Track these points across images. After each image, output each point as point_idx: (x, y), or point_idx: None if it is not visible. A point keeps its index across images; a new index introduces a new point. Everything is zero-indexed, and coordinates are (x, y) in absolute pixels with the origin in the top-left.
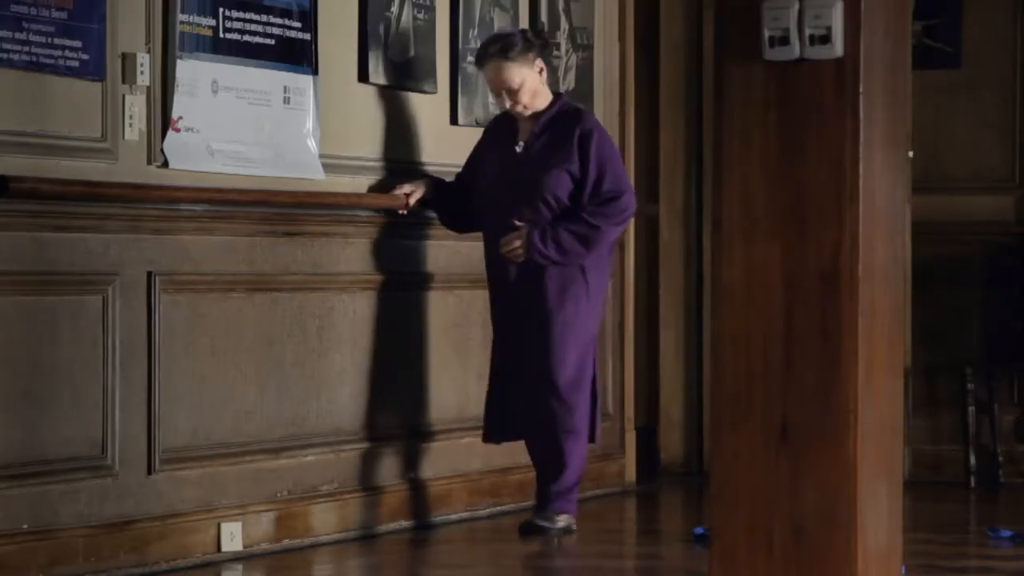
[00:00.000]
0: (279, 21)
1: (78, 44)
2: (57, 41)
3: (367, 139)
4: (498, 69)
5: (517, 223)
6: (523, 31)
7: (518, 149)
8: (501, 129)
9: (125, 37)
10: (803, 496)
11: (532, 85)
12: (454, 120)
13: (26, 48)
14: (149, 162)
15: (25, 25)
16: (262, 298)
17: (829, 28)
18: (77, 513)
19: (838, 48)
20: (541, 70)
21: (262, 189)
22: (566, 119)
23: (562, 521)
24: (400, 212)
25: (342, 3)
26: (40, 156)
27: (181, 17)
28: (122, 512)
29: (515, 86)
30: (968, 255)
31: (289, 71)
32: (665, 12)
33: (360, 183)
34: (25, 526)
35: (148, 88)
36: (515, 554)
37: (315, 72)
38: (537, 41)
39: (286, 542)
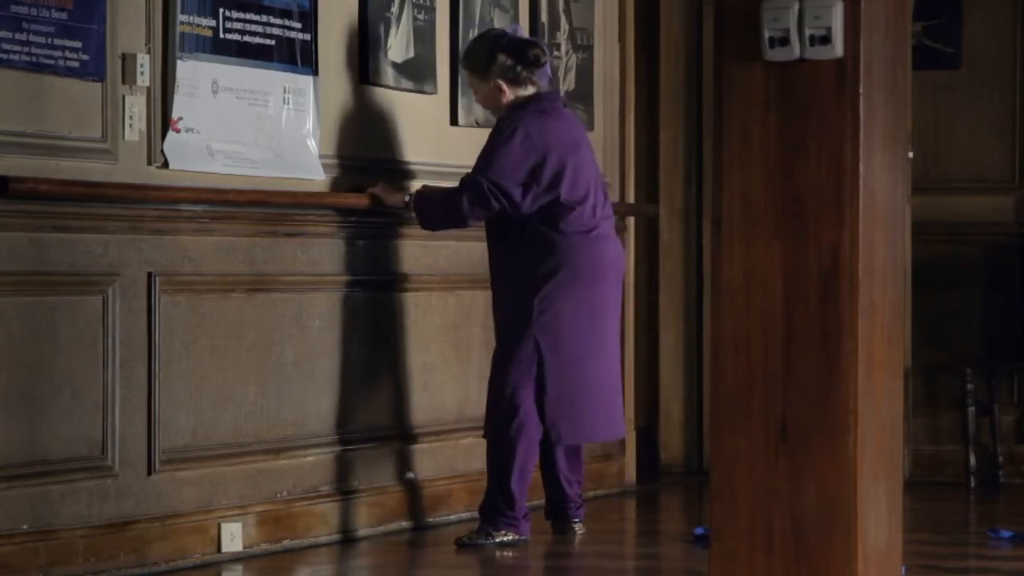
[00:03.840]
0: (279, 21)
1: (78, 44)
2: (57, 41)
3: (367, 139)
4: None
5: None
6: (496, 45)
7: None
8: None
9: (125, 37)
10: (803, 496)
11: (485, 96)
12: (454, 120)
13: (26, 48)
14: (149, 162)
15: (25, 25)
16: (262, 298)
17: (829, 28)
18: (77, 513)
19: (838, 48)
20: (500, 90)
21: (262, 189)
22: (499, 123)
23: (499, 538)
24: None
25: (342, 3)
26: (40, 156)
27: (181, 17)
28: (122, 512)
29: (474, 94)
30: (968, 255)
31: (289, 71)
32: (665, 12)
33: (360, 183)
34: (25, 526)
35: (148, 88)
36: (515, 555)
37: (315, 72)
38: (503, 59)
39: (286, 542)
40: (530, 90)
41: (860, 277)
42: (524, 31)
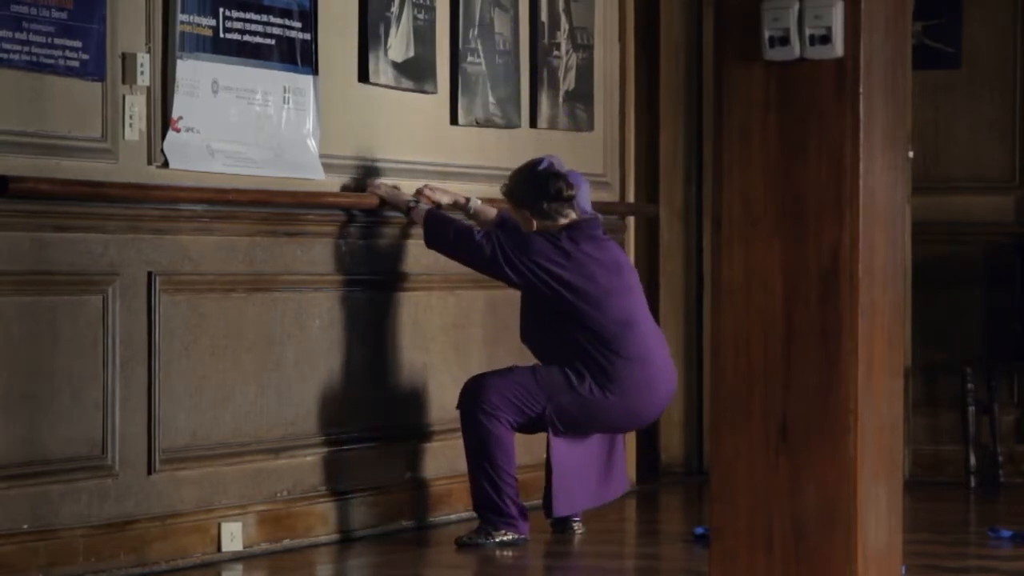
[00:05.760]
0: (279, 21)
1: (78, 44)
2: (57, 41)
3: (367, 139)
4: None
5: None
6: (524, 176)
7: None
8: None
9: (125, 37)
10: (803, 496)
11: (521, 223)
12: (454, 120)
13: (26, 48)
14: (149, 162)
15: (25, 25)
16: (262, 298)
17: (829, 28)
18: (77, 513)
19: (838, 48)
20: (529, 221)
21: (262, 189)
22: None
23: (499, 538)
24: (409, 205)
25: (342, 3)
26: (40, 156)
27: (181, 17)
28: (122, 512)
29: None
30: (968, 255)
31: (289, 71)
32: (665, 12)
33: (361, 183)
34: (25, 526)
35: (148, 88)
36: (515, 555)
37: (315, 72)
38: (524, 193)
39: (286, 542)
40: (563, 221)
41: (860, 277)
42: (561, 163)
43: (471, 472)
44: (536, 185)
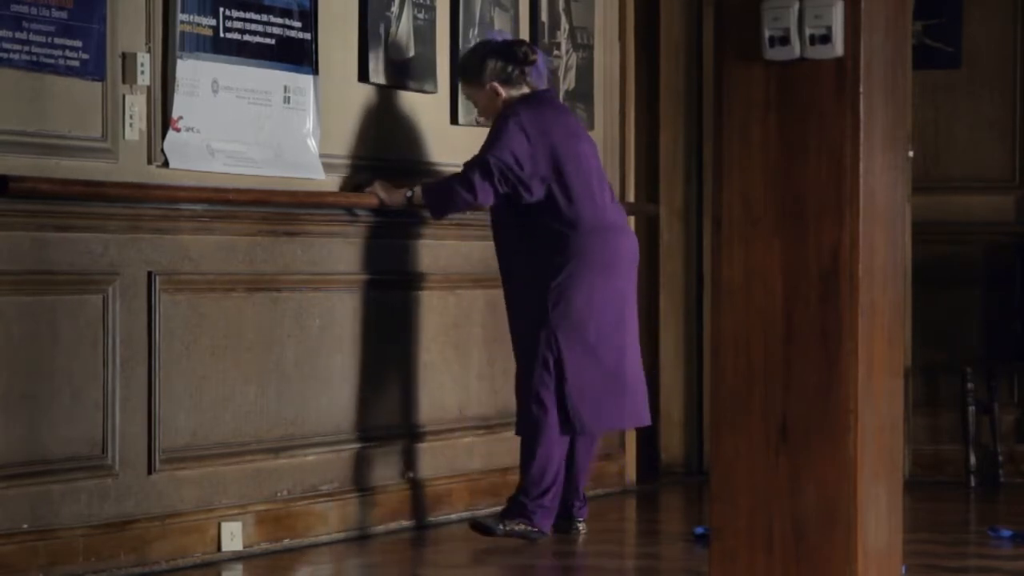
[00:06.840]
0: (279, 21)
1: (78, 44)
2: (57, 41)
3: (367, 139)
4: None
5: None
6: (485, 51)
7: None
8: None
9: (125, 37)
10: (803, 496)
11: (485, 104)
12: (454, 120)
13: (26, 48)
14: (149, 162)
15: (25, 25)
16: (262, 298)
17: (829, 28)
18: (77, 513)
19: (838, 48)
20: (496, 93)
21: (262, 189)
22: (495, 121)
23: (510, 526)
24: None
25: (342, 3)
26: (40, 156)
27: (181, 17)
28: (122, 512)
29: (471, 102)
30: (968, 255)
31: (289, 71)
32: (665, 12)
33: (359, 182)
34: (25, 526)
35: (148, 88)
36: (515, 554)
37: (315, 72)
38: (493, 63)
39: (286, 542)
40: (524, 90)
41: (860, 277)
42: (508, 35)
43: (523, 457)
44: (500, 54)
